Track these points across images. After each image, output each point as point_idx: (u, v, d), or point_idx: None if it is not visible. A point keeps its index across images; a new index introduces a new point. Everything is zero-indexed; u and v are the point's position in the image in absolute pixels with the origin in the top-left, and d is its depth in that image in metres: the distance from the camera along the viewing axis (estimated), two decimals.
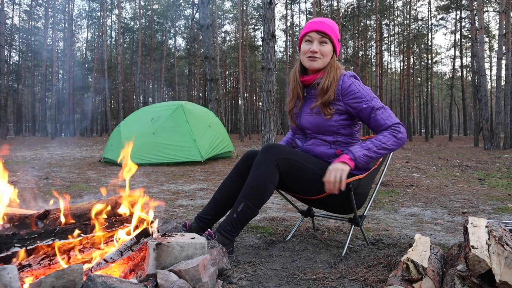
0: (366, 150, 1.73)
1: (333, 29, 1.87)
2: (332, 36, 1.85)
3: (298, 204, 2.47)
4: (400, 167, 6.43)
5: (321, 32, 1.83)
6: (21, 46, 36.02)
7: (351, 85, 1.81)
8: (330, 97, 1.82)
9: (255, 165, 1.77)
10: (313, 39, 1.85)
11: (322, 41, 1.84)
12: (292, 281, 1.57)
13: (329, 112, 1.83)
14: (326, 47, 1.85)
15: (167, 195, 3.88)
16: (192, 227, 1.91)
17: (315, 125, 1.88)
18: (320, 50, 1.84)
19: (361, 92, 1.80)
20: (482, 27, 13.48)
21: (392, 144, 1.74)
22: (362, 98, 1.80)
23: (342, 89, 1.82)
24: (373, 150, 1.74)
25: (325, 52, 1.85)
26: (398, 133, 1.75)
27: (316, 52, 1.84)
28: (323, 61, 1.86)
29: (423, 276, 1.29)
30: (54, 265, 1.30)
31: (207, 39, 11.60)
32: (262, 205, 1.79)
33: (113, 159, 7.13)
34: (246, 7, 36.14)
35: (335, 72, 1.86)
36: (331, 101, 1.83)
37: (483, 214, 2.92)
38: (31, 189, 4.17)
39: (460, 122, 51.65)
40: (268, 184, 1.74)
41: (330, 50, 1.87)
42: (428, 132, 28.07)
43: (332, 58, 1.88)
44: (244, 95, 36.01)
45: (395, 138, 1.75)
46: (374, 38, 29.01)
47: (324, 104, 1.83)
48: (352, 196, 1.81)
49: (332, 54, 1.88)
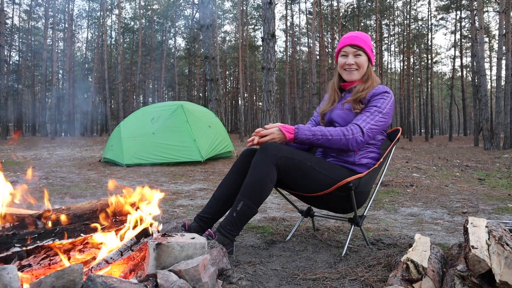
0: (312, 135, 1.80)
1: (365, 41, 2.01)
2: (365, 48, 2.00)
3: (298, 204, 2.47)
4: (400, 167, 6.43)
5: (355, 46, 1.98)
6: (21, 46, 36.00)
7: (382, 94, 1.94)
8: (361, 96, 1.96)
9: (253, 164, 1.80)
10: (348, 53, 2.00)
11: (356, 54, 1.99)
12: (292, 281, 1.57)
13: (359, 107, 1.94)
14: (360, 58, 1.99)
15: (167, 195, 3.88)
16: (192, 227, 1.91)
17: (344, 119, 1.97)
18: (356, 62, 1.99)
19: (380, 100, 1.92)
20: (482, 27, 13.48)
21: (335, 139, 1.81)
22: (375, 103, 1.91)
23: (373, 94, 1.95)
24: (317, 137, 1.80)
25: (361, 63, 2.00)
26: (347, 133, 1.82)
27: (352, 65, 1.99)
28: (360, 72, 2.02)
29: (423, 276, 1.29)
30: (54, 265, 1.30)
31: (207, 39, 11.60)
32: (261, 203, 1.80)
33: (113, 159, 7.13)
34: (246, 7, 36.13)
35: (372, 81, 2.01)
36: (362, 99, 1.96)
37: (483, 214, 2.92)
38: (31, 189, 4.16)
39: (460, 122, 51.64)
40: (266, 182, 1.77)
41: (365, 61, 2.01)
42: (428, 132, 28.05)
43: (368, 67, 2.04)
44: (244, 95, 36.01)
45: (342, 135, 1.81)
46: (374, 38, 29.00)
47: (355, 100, 1.96)
48: (352, 195, 1.82)
49: (368, 63, 2.03)
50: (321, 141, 1.80)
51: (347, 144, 1.81)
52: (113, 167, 6.75)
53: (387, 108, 1.91)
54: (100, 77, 34.27)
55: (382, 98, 1.92)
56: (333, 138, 1.80)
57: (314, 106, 23.77)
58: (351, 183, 1.78)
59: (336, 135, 1.81)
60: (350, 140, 1.81)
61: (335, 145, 1.81)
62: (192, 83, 38.90)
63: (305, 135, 1.79)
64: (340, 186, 1.79)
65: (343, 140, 1.80)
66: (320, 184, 1.84)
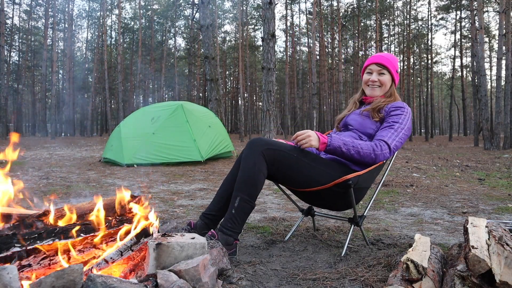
0: (343, 145, 1.81)
1: (391, 62, 2.10)
2: (390, 68, 2.08)
3: (299, 204, 2.47)
4: (400, 167, 6.43)
5: (380, 64, 2.08)
6: (21, 46, 36.00)
7: (401, 108, 2.00)
8: (380, 106, 2.04)
9: (243, 159, 1.83)
10: (372, 71, 2.11)
11: (380, 72, 2.09)
12: (292, 281, 1.57)
13: (378, 116, 2.01)
14: (384, 77, 2.09)
15: (167, 195, 3.88)
16: (197, 225, 1.92)
17: (359, 123, 2.04)
18: (379, 80, 2.09)
19: (401, 116, 1.97)
20: (482, 27, 13.48)
21: (365, 153, 1.83)
22: (397, 119, 1.96)
23: (392, 106, 2.02)
24: (348, 147, 1.81)
25: (384, 81, 2.09)
26: (377, 149, 1.85)
27: (375, 82, 2.09)
28: (382, 89, 2.11)
29: (423, 276, 1.29)
30: (54, 265, 1.30)
31: (207, 39, 11.60)
32: (256, 195, 1.81)
33: (113, 159, 7.13)
34: (246, 7, 36.12)
35: (394, 98, 2.10)
36: (380, 108, 2.04)
37: (483, 214, 2.92)
38: (31, 189, 4.17)
39: (460, 122, 51.63)
40: (258, 174, 1.78)
41: (389, 80, 2.10)
42: (428, 132, 28.03)
43: (391, 87, 2.12)
44: (244, 95, 36.00)
45: (372, 150, 1.84)
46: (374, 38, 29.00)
47: (374, 109, 2.04)
48: (351, 192, 1.82)
49: (391, 83, 2.12)
50: (352, 151, 1.81)
51: (375, 159, 1.85)
52: (113, 167, 6.75)
53: (408, 123, 1.98)
54: (100, 77, 34.27)
55: (402, 114, 1.97)
56: (363, 151, 1.82)
57: (314, 106, 23.78)
58: (350, 180, 1.78)
59: (366, 148, 1.83)
60: (379, 156, 1.85)
61: (364, 158, 1.83)
62: (192, 83, 38.90)
63: (337, 143, 1.80)
64: (339, 182, 1.79)
65: (372, 154, 1.83)
66: (317, 180, 1.84)
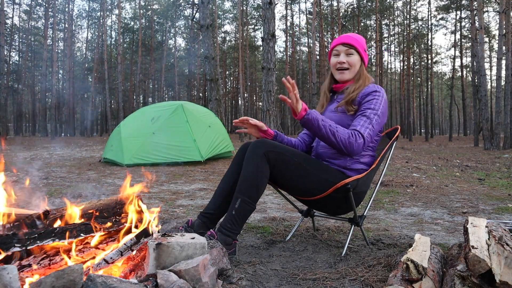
0: (322, 120, 1.74)
1: (358, 40, 1.97)
2: (358, 47, 1.95)
3: (298, 204, 2.47)
4: (400, 167, 6.43)
5: (347, 44, 1.95)
6: (21, 46, 36.02)
7: (374, 92, 1.90)
8: (353, 97, 1.92)
9: (245, 161, 1.80)
10: (339, 52, 1.97)
11: (348, 52, 1.95)
12: (292, 281, 1.57)
13: (352, 109, 1.91)
14: (352, 57, 1.95)
15: (167, 195, 3.88)
16: (195, 223, 1.90)
17: (336, 122, 1.91)
18: (348, 61, 1.95)
19: (373, 101, 1.87)
20: (482, 27, 13.48)
21: (341, 139, 1.74)
22: (369, 105, 1.86)
23: (365, 93, 1.91)
24: (325, 124, 1.74)
25: (353, 62, 1.96)
26: (353, 138, 1.76)
27: (343, 63, 1.95)
28: (352, 71, 1.97)
29: (423, 276, 1.29)
30: (54, 265, 1.30)
31: (207, 39, 11.60)
32: (257, 198, 1.80)
33: (113, 159, 7.13)
34: (246, 7, 36.14)
35: (364, 81, 1.96)
36: (353, 100, 1.92)
37: (483, 214, 2.92)
38: (31, 189, 4.16)
39: (460, 122, 51.62)
40: (260, 177, 1.76)
41: (357, 60, 1.97)
42: (428, 132, 28.01)
43: (360, 67, 1.98)
44: (244, 95, 36.01)
45: (347, 137, 1.75)
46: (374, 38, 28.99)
47: (347, 102, 1.92)
48: (351, 196, 1.81)
49: (360, 63, 1.98)
50: (328, 130, 1.73)
51: (349, 148, 1.76)
52: (113, 167, 6.75)
53: (381, 108, 1.87)
54: (100, 77, 34.25)
55: (374, 98, 1.87)
56: (338, 134, 1.74)
57: (314, 106, 23.76)
58: (349, 184, 1.77)
59: (342, 133, 1.75)
60: (353, 145, 1.75)
61: (338, 141, 1.74)
62: (192, 83, 38.91)
63: (315, 116, 1.73)
64: (338, 188, 1.78)
65: (347, 141, 1.74)
66: (317, 188, 1.82)
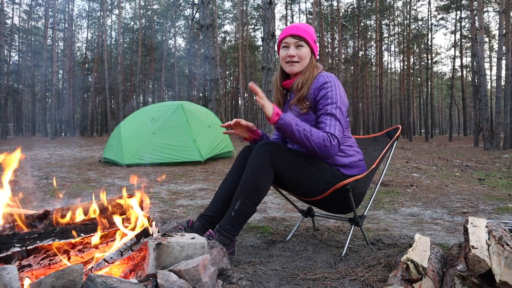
0: (295, 124, 1.70)
1: (308, 32, 1.89)
2: (308, 38, 1.87)
3: (298, 204, 2.47)
4: (400, 167, 6.43)
5: (296, 36, 1.86)
6: (21, 46, 36.02)
7: (325, 84, 1.82)
8: (304, 93, 1.85)
9: (249, 162, 1.77)
10: (289, 44, 1.88)
11: (298, 45, 1.87)
12: (292, 281, 1.57)
13: (304, 106, 1.85)
14: (302, 50, 1.88)
15: (167, 195, 3.88)
16: (194, 225, 1.89)
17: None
18: (297, 54, 1.87)
19: (328, 93, 1.81)
20: (482, 27, 13.48)
21: (315, 143, 1.71)
22: (328, 98, 1.80)
23: (316, 87, 1.84)
24: (299, 128, 1.70)
25: (302, 55, 1.88)
26: (328, 141, 1.72)
27: (293, 56, 1.87)
28: (302, 64, 1.89)
29: (423, 276, 1.29)
30: (54, 265, 1.30)
31: (207, 39, 11.60)
32: (259, 202, 1.78)
33: (113, 159, 7.13)
34: (246, 7, 36.13)
35: (311, 71, 1.89)
36: (305, 96, 1.85)
37: (483, 214, 2.92)
38: (31, 189, 4.16)
39: (460, 122, 51.61)
40: (263, 181, 1.74)
41: (307, 53, 1.89)
42: (428, 132, 28.02)
43: (310, 59, 1.91)
44: (244, 95, 36.01)
45: (323, 141, 1.71)
46: (374, 38, 29.00)
47: (298, 99, 1.86)
48: (350, 196, 1.81)
49: (311, 55, 1.91)
50: (302, 134, 1.69)
51: (325, 151, 1.72)
52: (113, 167, 6.75)
53: (339, 97, 1.80)
54: (100, 77, 34.25)
55: (328, 91, 1.80)
56: (313, 138, 1.70)
57: None
58: (348, 185, 1.77)
59: (317, 137, 1.71)
60: (328, 148, 1.71)
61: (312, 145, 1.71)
62: (192, 83, 38.90)
63: (289, 120, 1.70)
64: (337, 188, 1.77)
65: (322, 145, 1.71)
66: (317, 188, 1.81)
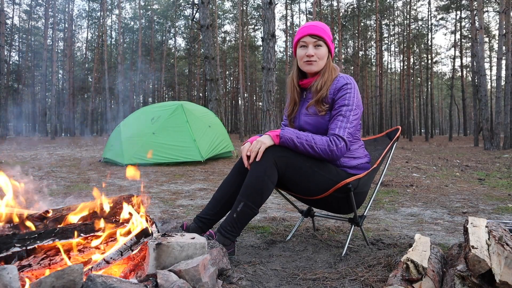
0: (296, 138, 1.74)
1: (326, 31, 1.89)
2: (326, 38, 1.88)
3: (298, 204, 2.47)
4: (400, 167, 6.43)
5: (315, 36, 1.86)
6: (21, 46, 36.02)
7: (345, 85, 1.84)
8: (323, 94, 1.85)
9: (253, 164, 1.76)
10: (307, 44, 1.88)
11: (316, 44, 1.87)
12: (292, 281, 1.57)
13: (323, 109, 1.86)
14: (321, 49, 1.88)
15: (167, 195, 3.88)
16: (190, 227, 1.88)
17: (313, 126, 1.90)
18: (316, 54, 1.87)
19: (346, 96, 1.83)
20: (482, 27, 13.48)
21: (320, 149, 1.75)
22: (345, 99, 1.82)
23: (336, 88, 1.85)
24: (301, 141, 1.74)
25: (321, 55, 1.88)
26: (333, 145, 1.75)
27: (312, 56, 1.87)
28: (320, 64, 1.90)
29: (423, 276, 1.29)
30: (54, 265, 1.30)
31: (207, 39, 11.60)
32: (261, 204, 1.77)
33: (113, 159, 7.13)
34: (246, 7, 36.13)
35: (330, 73, 1.89)
36: (324, 98, 1.86)
37: (483, 214, 2.92)
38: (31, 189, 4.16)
39: (460, 122, 51.62)
40: (267, 183, 1.73)
41: (326, 52, 1.90)
42: (428, 132, 28.00)
43: (328, 59, 1.91)
44: (244, 95, 36.01)
45: (327, 146, 1.75)
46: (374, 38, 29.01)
47: (317, 101, 1.87)
48: (352, 196, 1.81)
49: (328, 55, 1.91)
50: (306, 145, 1.74)
51: (331, 156, 1.76)
52: (113, 167, 6.75)
53: (355, 101, 1.83)
54: (100, 77, 34.26)
55: (347, 93, 1.82)
56: (317, 146, 1.74)
57: None
58: (350, 184, 1.77)
59: (320, 144, 1.75)
60: (335, 152, 1.75)
61: (318, 153, 1.75)
62: (192, 83, 38.91)
63: (289, 135, 1.74)
64: (339, 187, 1.77)
65: (327, 150, 1.75)
66: (319, 187, 1.81)
